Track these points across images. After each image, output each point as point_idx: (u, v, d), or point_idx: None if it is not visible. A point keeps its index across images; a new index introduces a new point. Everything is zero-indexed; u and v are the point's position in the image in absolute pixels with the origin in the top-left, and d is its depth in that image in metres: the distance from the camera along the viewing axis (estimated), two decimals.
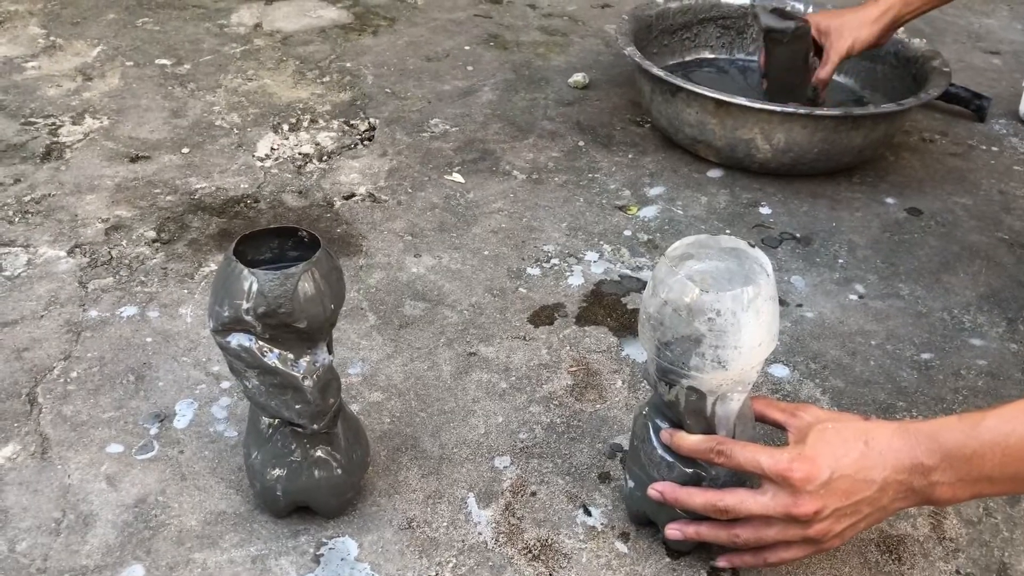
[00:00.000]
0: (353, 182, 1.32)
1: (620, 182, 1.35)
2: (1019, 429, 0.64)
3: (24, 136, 1.38)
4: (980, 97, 1.59)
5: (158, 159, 1.35)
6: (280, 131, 1.44)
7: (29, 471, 0.84)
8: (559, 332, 1.05)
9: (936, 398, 0.98)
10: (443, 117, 1.51)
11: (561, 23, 1.92)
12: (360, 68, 1.66)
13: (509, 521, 0.82)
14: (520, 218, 1.25)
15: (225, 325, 0.70)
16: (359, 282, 1.11)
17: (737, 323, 0.67)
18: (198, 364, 0.97)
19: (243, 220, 1.22)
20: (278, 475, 0.76)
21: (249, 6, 1.91)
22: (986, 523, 0.84)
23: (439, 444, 0.89)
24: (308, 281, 0.69)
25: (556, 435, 0.91)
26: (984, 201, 1.36)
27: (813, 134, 1.30)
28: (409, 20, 1.89)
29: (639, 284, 1.13)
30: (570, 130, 1.49)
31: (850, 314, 1.10)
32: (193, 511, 0.81)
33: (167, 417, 0.90)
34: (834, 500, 0.67)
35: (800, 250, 1.22)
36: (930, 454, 0.66)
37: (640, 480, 0.77)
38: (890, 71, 1.53)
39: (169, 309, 1.05)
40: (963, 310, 1.12)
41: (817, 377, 1.00)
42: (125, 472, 0.84)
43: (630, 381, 0.98)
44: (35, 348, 0.98)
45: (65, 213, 1.21)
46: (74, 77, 1.57)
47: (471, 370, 0.98)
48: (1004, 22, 2.08)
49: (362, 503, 0.82)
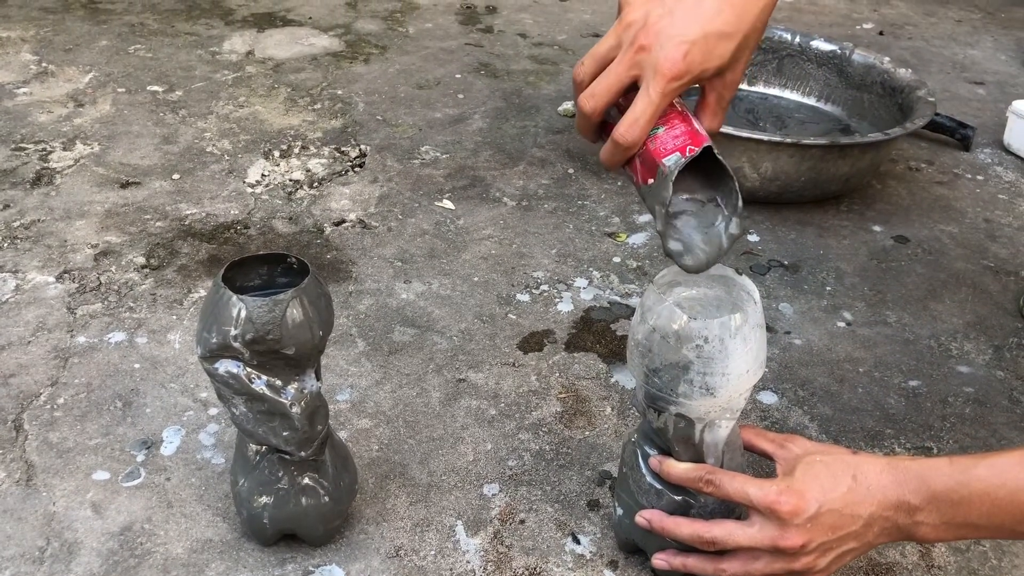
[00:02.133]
0: (343, 208, 1.32)
1: (609, 209, 1.36)
2: (1009, 483, 0.64)
3: (15, 162, 1.39)
4: (965, 126, 1.61)
5: (148, 185, 1.35)
6: (271, 158, 1.44)
7: (13, 498, 0.83)
8: (548, 359, 1.05)
9: (924, 425, 0.98)
10: (434, 144, 1.52)
11: (551, 52, 1.94)
12: (351, 96, 1.67)
13: (497, 549, 0.81)
14: (510, 244, 1.26)
15: (213, 351, 0.70)
16: (348, 308, 1.11)
17: (725, 350, 0.67)
18: (186, 391, 0.97)
19: (233, 246, 1.22)
20: (265, 503, 0.76)
21: (241, 34, 1.92)
22: (974, 551, 0.84)
23: (427, 471, 0.89)
24: (296, 307, 0.69)
25: (545, 462, 0.91)
26: (970, 229, 1.38)
27: (800, 163, 1.31)
28: (400, 48, 1.90)
29: (628, 311, 1.13)
30: (560, 158, 1.50)
31: (838, 341, 1.11)
32: (179, 539, 0.80)
33: (154, 444, 0.90)
34: (821, 534, 0.67)
35: (788, 277, 1.23)
36: (916, 494, 0.66)
37: (629, 508, 0.77)
38: (876, 100, 1.55)
39: (157, 335, 1.05)
40: (950, 337, 1.13)
41: (805, 404, 1.00)
42: (111, 499, 0.84)
43: (619, 408, 0.98)
44: (22, 374, 0.98)
45: (54, 239, 1.21)
46: (65, 103, 1.57)
47: (460, 397, 0.98)
48: (988, 53, 2.11)
49: (350, 531, 0.82)
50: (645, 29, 0.64)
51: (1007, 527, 0.65)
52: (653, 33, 0.63)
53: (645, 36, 0.64)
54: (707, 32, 0.64)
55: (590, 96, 0.66)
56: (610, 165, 0.68)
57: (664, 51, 0.63)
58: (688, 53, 0.63)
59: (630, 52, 0.64)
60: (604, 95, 0.66)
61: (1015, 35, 2.23)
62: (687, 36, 0.63)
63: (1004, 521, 0.65)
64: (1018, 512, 0.64)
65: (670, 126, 0.65)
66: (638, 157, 0.66)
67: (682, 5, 0.64)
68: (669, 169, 0.63)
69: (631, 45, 0.64)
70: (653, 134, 0.65)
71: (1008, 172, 1.56)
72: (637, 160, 0.66)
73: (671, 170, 0.63)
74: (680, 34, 0.63)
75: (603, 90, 0.65)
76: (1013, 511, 0.64)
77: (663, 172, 0.64)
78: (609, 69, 0.65)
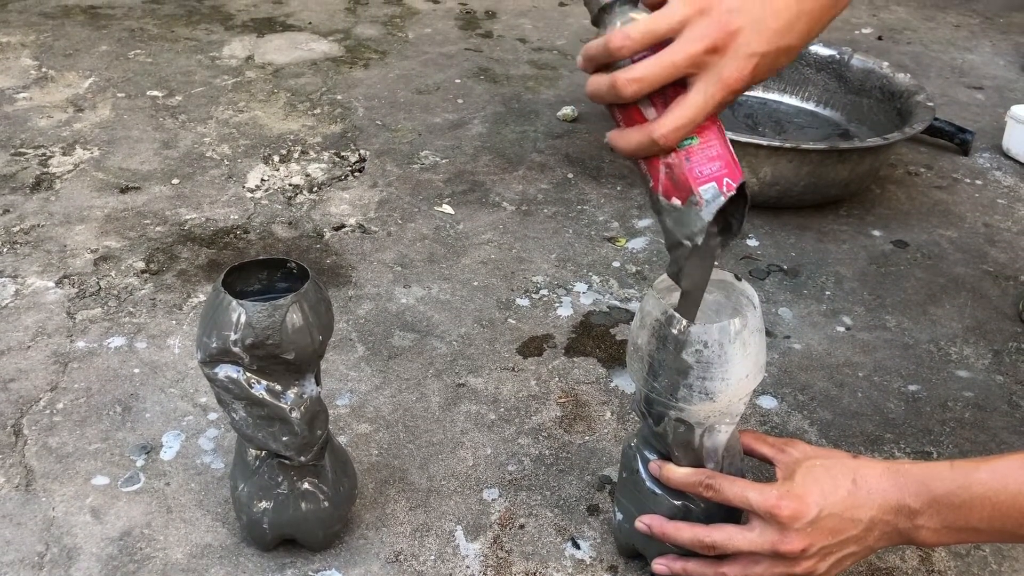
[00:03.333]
0: (343, 213, 1.32)
1: (609, 214, 1.36)
2: (1010, 486, 0.64)
3: (14, 167, 1.39)
4: (964, 131, 1.61)
5: (148, 190, 1.35)
6: (271, 162, 1.44)
7: (13, 504, 0.83)
8: (548, 363, 1.05)
9: (923, 430, 0.98)
10: (433, 149, 1.52)
11: (550, 57, 1.95)
12: (351, 100, 1.67)
13: (497, 554, 0.81)
14: (509, 249, 1.26)
15: (213, 356, 0.70)
16: (348, 313, 1.11)
17: (724, 355, 0.67)
18: (185, 395, 0.97)
19: (232, 251, 1.22)
20: (265, 507, 0.76)
21: (241, 39, 1.92)
22: (974, 556, 0.84)
23: (427, 476, 0.89)
24: (296, 312, 0.69)
25: (545, 467, 0.91)
26: (969, 234, 1.38)
27: (800, 168, 1.31)
28: (400, 53, 1.91)
29: (628, 315, 1.13)
30: (559, 162, 1.50)
31: (837, 346, 1.11)
32: (179, 544, 0.80)
33: (153, 449, 0.90)
34: (821, 538, 0.67)
35: (787, 282, 1.23)
36: (917, 498, 0.66)
37: (629, 513, 0.77)
38: (875, 105, 1.56)
39: (157, 340, 1.04)
40: (949, 342, 1.13)
41: (805, 409, 1.00)
42: (110, 504, 0.84)
43: (619, 412, 0.98)
44: (21, 379, 0.98)
45: (54, 244, 1.21)
46: (65, 108, 1.57)
47: (460, 401, 0.98)
48: (987, 58, 2.11)
49: (349, 536, 0.82)
50: (723, 27, 0.57)
51: (1008, 531, 0.65)
52: (729, 34, 0.57)
53: (720, 35, 0.57)
54: (779, 46, 0.59)
55: (636, 80, 0.58)
56: (628, 154, 0.62)
57: (736, 61, 0.58)
58: (757, 67, 0.59)
59: (698, 47, 0.57)
60: (652, 83, 0.58)
61: (1014, 40, 2.23)
62: (760, 48, 0.58)
63: (1005, 525, 0.65)
64: (1019, 516, 0.64)
65: (704, 139, 0.61)
66: (665, 167, 0.62)
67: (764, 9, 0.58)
68: (705, 202, 0.60)
69: (702, 39, 0.57)
70: (687, 145, 0.61)
71: (1007, 177, 1.56)
72: (662, 167, 0.62)
73: (707, 205, 0.60)
74: (755, 44, 0.58)
75: (653, 78, 0.58)
76: (1014, 515, 0.64)
77: (695, 201, 0.61)
78: (667, 57, 0.58)
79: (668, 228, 0.63)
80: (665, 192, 0.62)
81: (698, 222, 0.61)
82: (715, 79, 0.58)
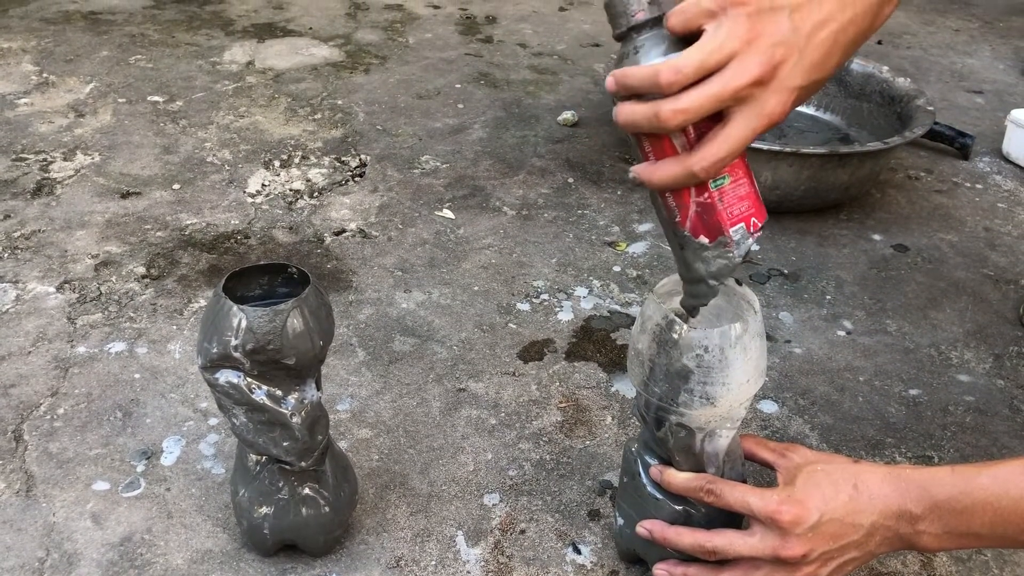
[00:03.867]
0: (344, 218, 1.32)
1: (609, 218, 1.36)
2: (1012, 492, 0.64)
3: (15, 172, 1.39)
4: (964, 135, 1.61)
5: (149, 195, 1.35)
6: (271, 167, 1.45)
7: (13, 509, 0.83)
8: (549, 368, 1.05)
9: (925, 434, 0.98)
10: (434, 154, 1.52)
11: (551, 62, 1.95)
12: (352, 105, 1.67)
13: (498, 560, 0.81)
14: (510, 254, 1.26)
15: (213, 361, 0.70)
16: (349, 318, 1.11)
17: (725, 360, 0.67)
18: (186, 401, 0.97)
19: (233, 256, 1.22)
20: (265, 513, 0.76)
21: (242, 44, 1.93)
22: (976, 560, 0.84)
23: (428, 481, 0.89)
24: (297, 317, 0.69)
25: (546, 472, 0.90)
26: (969, 238, 1.38)
27: (800, 172, 1.31)
28: (400, 58, 1.91)
29: (628, 320, 1.13)
30: (559, 167, 1.50)
31: (838, 350, 1.11)
32: (179, 550, 0.80)
33: (154, 454, 0.90)
34: (822, 543, 0.67)
35: (788, 286, 1.23)
36: (918, 503, 0.66)
37: (630, 517, 0.77)
38: (875, 109, 1.56)
39: (158, 345, 1.04)
40: (950, 346, 1.13)
41: (806, 413, 1.00)
42: (111, 510, 0.83)
43: (620, 417, 0.98)
44: (22, 384, 0.98)
45: (55, 249, 1.21)
46: (66, 113, 1.58)
47: (460, 406, 0.98)
48: (986, 62, 2.11)
49: (350, 541, 0.82)
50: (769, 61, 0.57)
51: (1009, 536, 0.65)
52: (774, 67, 0.57)
53: (767, 68, 0.57)
54: (815, 79, 0.59)
55: (683, 111, 0.57)
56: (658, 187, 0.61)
57: (778, 95, 0.58)
58: (796, 100, 0.59)
59: (745, 79, 0.57)
60: (697, 115, 0.58)
61: (1013, 44, 2.23)
62: (800, 81, 0.58)
63: (1007, 530, 0.65)
64: (1021, 521, 0.64)
65: (736, 179, 0.61)
66: (696, 204, 0.60)
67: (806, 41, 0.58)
68: (735, 243, 0.60)
69: (748, 72, 0.57)
70: (720, 185, 0.60)
71: (1007, 181, 1.56)
72: (693, 204, 0.60)
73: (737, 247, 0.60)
74: (797, 78, 0.58)
75: (699, 109, 0.57)
76: (1016, 520, 0.64)
77: (725, 243, 0.60)
78: (713, 90, 0.57)
79: (690, 263, 0.63)
80: (693, 230, 0.61)
81: (728, 264, 0.61)
82: (757, 112, 0.58)
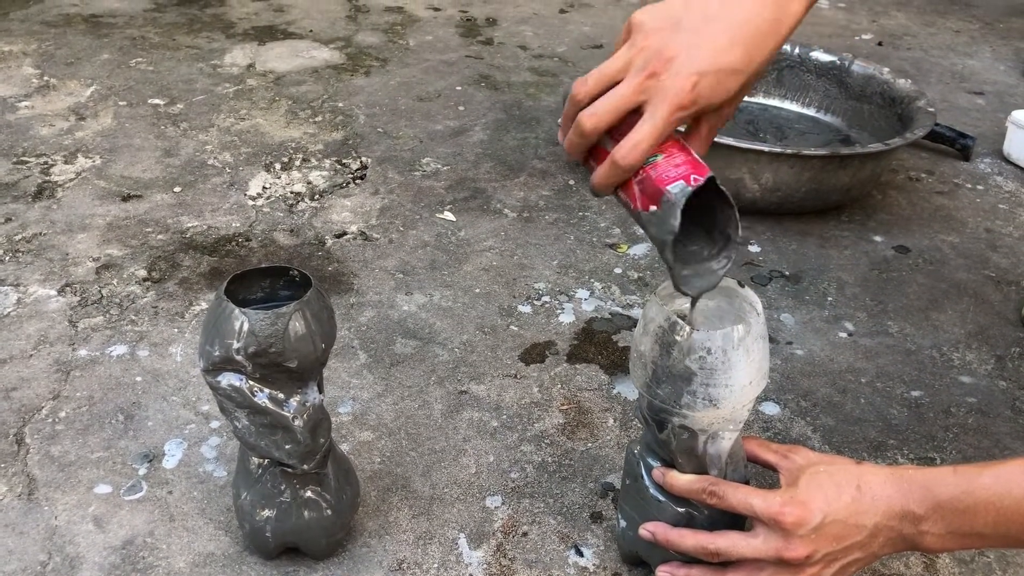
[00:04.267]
0: (345, 220, 1.32)
1: (610, 220, 1.36)
2: (1014, 491, 0.64)
3: (16, 175, 1.39)
4: (965, 136, 1.61)
5: (150, 198, 1.35)
6: (272, 170, 1.45)
7: (15, 513, 0.83)
8: (550, 370, 1.05)
9: (927, 436, 0.98)
10: (435, 156, 1.52)
11: (551, 64, 1.95)
12: (352, 108, 1.67)
13: (500, 562, 0.81)
14: (511, 256, 1.26)
15: (215, 364, 0.70)
16: (350, 320, 1.11)
17: (728, 361, 0.67)
18: (188, 403, 0.97)
19: (234, 259, 1.22)
20: (267, 516, 0.76)
21: (242, 47, 1.93)
22: (979, 562, 0.84)
23: (430, 484, 0.89)
24: (299, 320, 0.69)
25: (548, 474, 0.90)
26: (970, 239, 1.38)
27: (801, 174, 1.31)
28: (401, 61, 1.91)
29: (630, 322, 1.13)
30: (560, 169, 1.50)
31: (840, 352, 1.11)
32: (181, 553, 0.80)
33: (156, 457, 0.90)
34: (825, 544, 0.67)
35: (790, 288, 1.23)
36: (921, 504, 0.66)
37: (632, 520, 0.77)
38: (876, 111, 1.56)
39: (159, 348, 1.04)
40: (952, 347, 1.13)
41: (808, 415, 1.00)
42: (113, 513, 0.83)
43: (622, 419, 0.98)
44: (24, 388, 0.98)
45: (56, 252, 1.21)
46: (67, 116, 1.58)
47: (462, 409, 0.98)
48: (987, 63, 2.11)
49: (352, 544, 0.82)
50: (659, 56, 0.64)
51: (1013, 536, 0.65)
52: (665, 60, 0.64)
53: (658, 63, 0.64)
54: (719, 67, 0.65)
55: (592, 115, 0.66)
56: (603, 189, 0.68)
57: (675, 80, 0.64)
58: (697, 85, 0.64)
59: (640, 76, 0.64)
60: (607, 115, 0.65)
61: (1014, 45, 2.23)
62: (699, 68, 0.64)
63: (1010, 530, 0.65)
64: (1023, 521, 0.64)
65: (669, 155, 0.65)
66: (637, 184, 0.66)
67: (697, 37, 0.65)
68: (675, 196, 0.63)
69: (642, 70, 0.64)
70: (652, 161, 0.65)
71: (1008, 182, 1.56)
72: (636, 187, 0.66)
73: (677, 197, 0.63)
74: (692, 65, 0.64)
75: (607, 110, 0.65)
76: (1019, 520, 0.64)
77: (668, 200, 0.64)
78: (616, 90, 0.65)
79: (652, 235, 0.66)
80: (642, 206, 0.66)
81: (674, 214, 0.63)
82: (660, 99, 0.64)
